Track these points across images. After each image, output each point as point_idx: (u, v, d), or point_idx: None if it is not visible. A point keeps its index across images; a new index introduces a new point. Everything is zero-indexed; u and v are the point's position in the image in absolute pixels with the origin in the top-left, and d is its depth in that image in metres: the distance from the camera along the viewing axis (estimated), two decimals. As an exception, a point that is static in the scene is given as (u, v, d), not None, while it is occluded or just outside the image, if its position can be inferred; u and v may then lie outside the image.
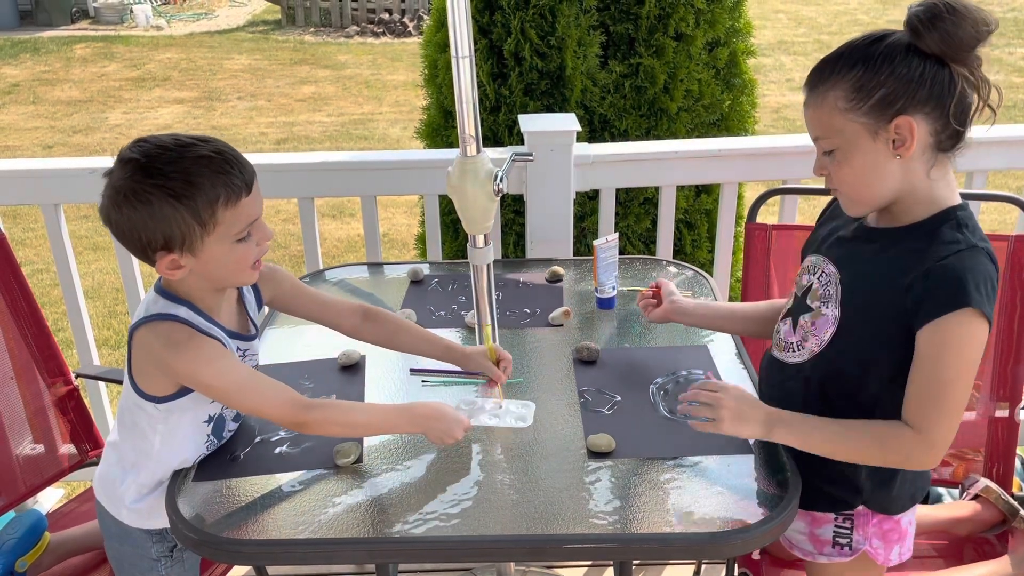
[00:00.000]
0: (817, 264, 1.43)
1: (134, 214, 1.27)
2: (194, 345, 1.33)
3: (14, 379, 1.90)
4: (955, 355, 1.24)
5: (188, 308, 1.36)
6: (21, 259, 2.03)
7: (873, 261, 1.34)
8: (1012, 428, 1.86)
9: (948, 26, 1.20)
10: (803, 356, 1.41)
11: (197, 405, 1.40)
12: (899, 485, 1.41)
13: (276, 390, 1.36)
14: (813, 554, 1.47)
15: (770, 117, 7.78)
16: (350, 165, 2.38)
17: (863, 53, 1.26)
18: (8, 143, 7.64)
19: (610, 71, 2.67)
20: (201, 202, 1.27)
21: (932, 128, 1.25)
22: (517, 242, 2.70)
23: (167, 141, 1.30)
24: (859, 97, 1.25)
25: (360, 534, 1.27)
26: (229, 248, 1.32)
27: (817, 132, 1.32)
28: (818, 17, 12.13)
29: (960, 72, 1.23)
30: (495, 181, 1.54)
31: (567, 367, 1.69)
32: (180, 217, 1.27)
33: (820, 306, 1.39)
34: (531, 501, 1.32)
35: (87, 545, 1.72)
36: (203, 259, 1.31)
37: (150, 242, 1.29)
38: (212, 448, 1.47)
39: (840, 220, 1.45)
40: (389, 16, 11.95)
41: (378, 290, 2.07)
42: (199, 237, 1.29)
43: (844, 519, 1.44)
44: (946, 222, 1.28)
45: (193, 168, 1.27)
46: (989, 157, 2.29)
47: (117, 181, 1.28)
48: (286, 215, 5.69)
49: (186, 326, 1.34)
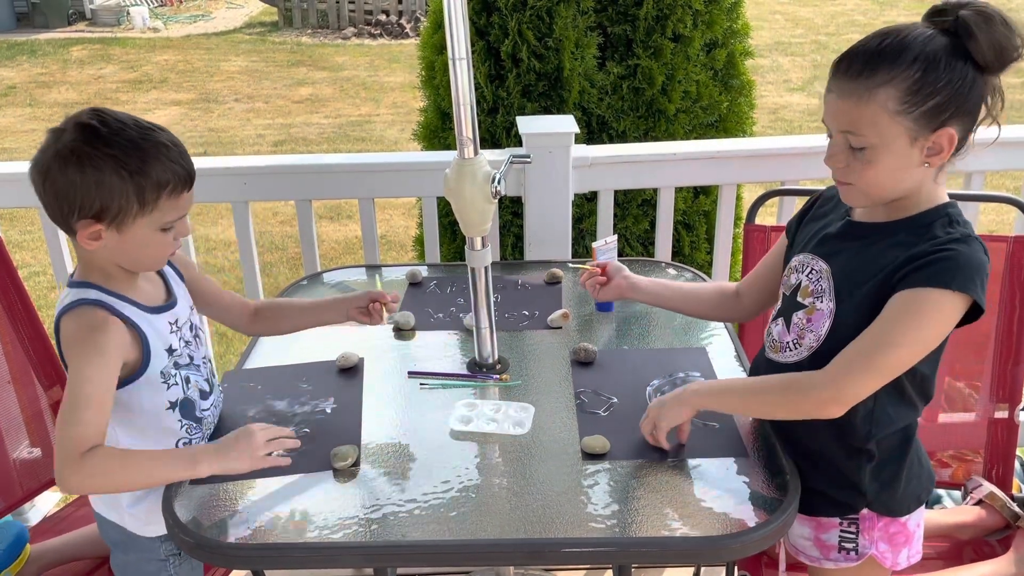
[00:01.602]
0: (805, 262, 1.42)
1: (79, 176, 1.28)
2: (91, 340, 1.31)
3: (11, 383, 1.89)
4: (914, 324, 1.23)
5: (97, 290, 1.36)
6: (18, 262, 2.03)
7: (864, 254, 1.33)
8: (1012, 429, 1.86)
9: (1000, 36, 1.19)
10: (801, 354, 1.40)
11: (145, 393, 1.39)
12: (904, 486, 1.41)
13: (90, 426, 1.28)
14: (820, 560, 1.46)
15: (768, 118, 7.79)
16: (348, 167, 2.37)
17: (922, 51, 1.20)
18: (5, 145, 7.63)
19: (608, 72, 2.67)
20: (149, 183, 1.30)
21: (960, 137, 1.24)
22: (515, 244, 2.69)
23: (127, 120, 1.33)
24: (913, 101, 1.20)
25: (358, 538, 1.26)
26: (152, 234, 1.35)
27: (850, 126, 1.25)
28: (815, 18, 12.14)
29: (992, 83, 1.23)
30: (493, 183, 1.53)
31: (565, 369, 1.69)
32: (125, 191, 1.29)
33: (814, 302, 1.38)
34: (529, 504, 1.31)
35: (68, 555, 1.71)
36: (126, 238, 1.33)
37: (82, 207, 1.30)
38: (195, 432, 1.47)
39: (825, 220, 1.45)
40: (386, 17, 11.95)
41: (376, 292, 2.06)
42: (133, 216, 1.31)
43: (849, 523, 1.43)
44: (938, 218, 1.29)
45: (151, 150, 1.31)
46: (987, 158, 2.28)
47: (69, 142, 1.29)
48: (284, 217, 5.69)
49: (99, 307, 1.34)
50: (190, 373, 1.46)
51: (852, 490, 1.40)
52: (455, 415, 1.53)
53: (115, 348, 1.33)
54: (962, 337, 1.39)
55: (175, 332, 1.45)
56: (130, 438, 1.42)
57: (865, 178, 1.28)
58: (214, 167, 2.35)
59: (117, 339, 1.34)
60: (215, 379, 1.55)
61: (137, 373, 1.38)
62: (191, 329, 1.51)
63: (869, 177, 1.27)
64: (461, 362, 1.73)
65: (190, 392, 1.46)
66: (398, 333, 1.84)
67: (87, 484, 1.33)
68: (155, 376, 1.40)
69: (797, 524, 1.48)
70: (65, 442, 1.27)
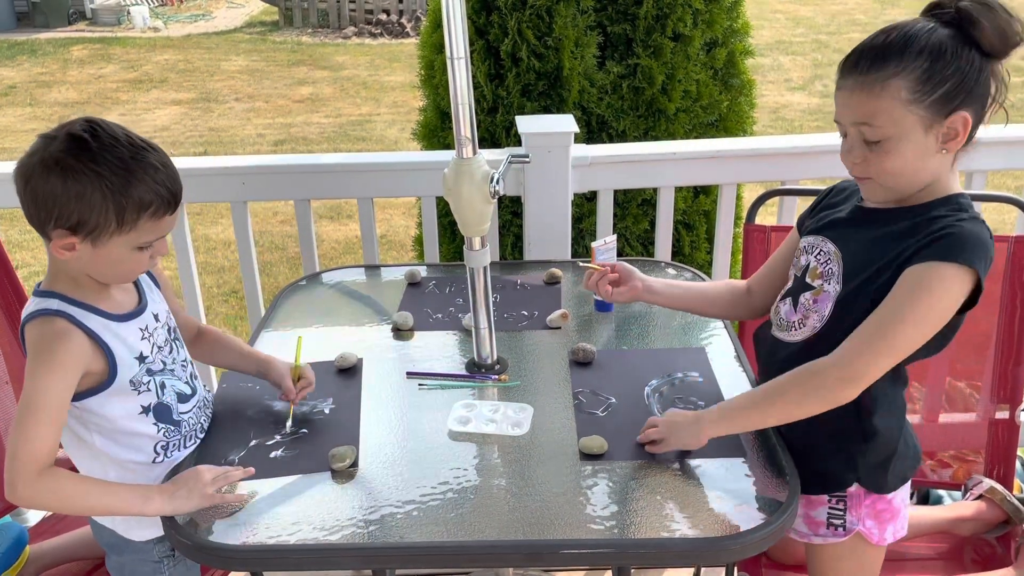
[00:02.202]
0: (814, 243, 1.44)
1: (60, 187, 1.27)
2: (49, 351, 1.31)
3: (9, 384, 1.88)
4: (926, 300, 1.24)
5: (60, 299, 1.35)
6: (17, 262, 2.02)
7: (872, 239, 1.35)
8: (1012, 430, 1.86)
9: (1002, 22, 1.23)
10: (804, 333, 1.42)
11: (116, 401, 1.38)
12: (893, 463, 1.43)
13: (43, 442, 1.28)
14: (808, 535, 1.49)
15: (768, 117, 7.78)
16: (347, 167, 2.37)
17: (928, 42, 1.24)
18: (5, 145, 7.63)
19: (608, 72, 2.66)
20: (131, 203, 1.29)
21: (974, 123, 1.27)
22: (515, 243, 2.69)
23: (120, 135, 1.31)
24: (924, 90, 1.23)
25: (355, 539, 1.26)
26: (128, 252, 1.34)
27: (865, 119, 1.27)
28: (816, 17, 12.13)
29: (997, 70, 1.26)
30: (491, 183, 1.53)
31: (563, 369, 1.68)
32: (104, 208, 1.28)
33: (822, 283, 1.40)
34: (527, 505, 1.31)
35: (67, 555, 1.71)
36: (100, 252, 1.32)
37: (59, 217, 1.29)
38: (173, 435, 1.45)
39: (836, 209, 1.47)
40: (387, 17, 11.94)
41: (375, 292, 2.06)
42: (110, 233, 1.30)
43: (837, 500, 1.45)
44: (946, 205, 1.31)
45: (137, 171, 1.30)
46: (989, 157, 2.28)
47: (57, 152, 1.28)
48: (283, 217, 5.69)
49: (60, 317, 1.33)
50: (165, 378, 1.45)
51: (844, 467, 1.42)
52: (453, 416, 1.52)
53: (74, 359, 1.32)
54: (963, 337, 1.39)
55: (146, 338, 1.43)
56: (105, 442, 1.41)
57: (884, 170, 1.29)
58: (213, 167, 2.35)
59: (76, 350, 1.32)
60: (197, 381, 1.54)
61: (104, 384, 1.37)
62: (170, 332, 1.50)
63: (888, 168, 1.29)
64: (460, 362, 1.72)
65: (165, 397, 1.44)
66: (397, 333, 1.84)
67: (38, 501, 1.33)
68: (124, 385, 1.38)
69: None
70: (20, 455, 1.27)
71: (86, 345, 1.34)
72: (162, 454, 1.45)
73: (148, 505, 1.33)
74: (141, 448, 1.43)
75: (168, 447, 1.46)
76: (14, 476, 1.27)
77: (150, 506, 1.33)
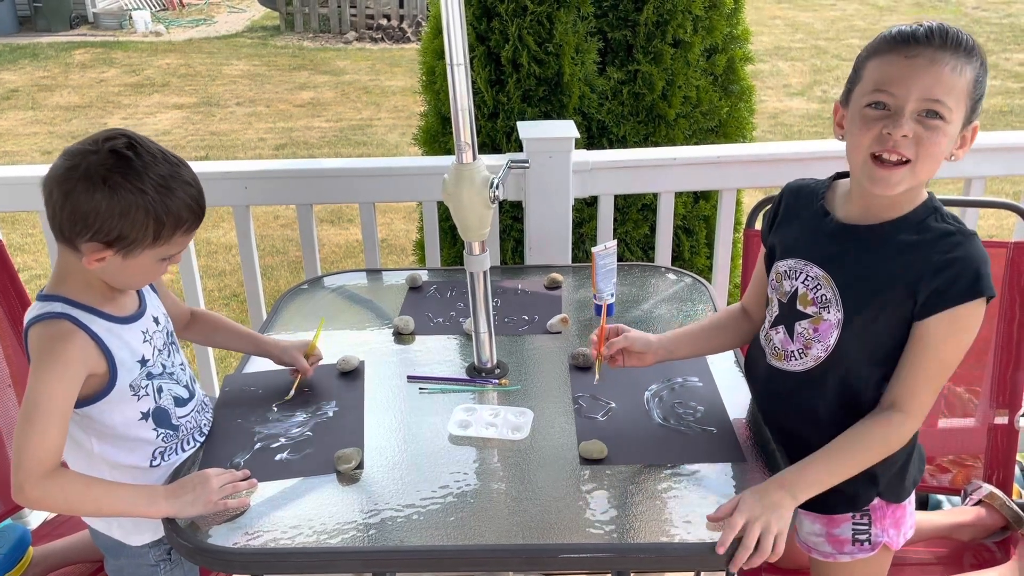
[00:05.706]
0: (796, 268, 1.41)
1: (105, 204, 1.28)
2: (54, 352, 1.31)
3: (11, 386, 1.89)
4: (963, 340, 1.29)
5: (63, 303, 1.36)
6: (19, 265, 2.03)
7: (867, 261, 1.33)
8: (1012, 435, 1.86)
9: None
10: (807, 363, 1.41)
11: (116, 407, 1.39)
12: (908, 470, 1.44)
13: (50, 443, 1.29)
14: (834, 555, 1.48)
15: (768, 123, 7.79)
16: (348, 172, 2.37)
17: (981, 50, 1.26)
18: (7, 148, 7.64)
19: (608, 78, 2.67)
20: (169, 222, 1.33)
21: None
22: (515, 248, 2.69)
23: (156, 152, 1.34)
24: (975, 91, 1.26)
25: (356, 543, 1.26)
26: (153, 264, 1.38)
27: (940, 95, 1.21)
28: (815, 23, 12.15)
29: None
30: (491, 188, 1.53)
31: (563, 374, 1.69)
32: (145, 226, 1.31)
33: (819, 311, 1.38)
34: (527, 510, 1.31)
35: (70, 558, 1.72)
36: (128, 263, 1.34)
37: (99, 232, 1.30)
38: (172, 440, 1.46)
39: (801, 220, 1.44)
40: (388, 22, 11.97)
41: (376, 296, 2.06)
42: (143, 248, 1.33)
43: (861, 515, 1.45)
44: (928, 214, 1.32)
45: (176, 188, 1.33)
46: (987, 164, 2.29)
47: (101, 168, 1.29)
48: (285, 221, 5.70)
49: (65, 319, 1.34)
50: (163, 382, 1.46)
51: (867, 484, 1.41)
52: (454, 419, 1.53)
53: (79, 360, 1.33)
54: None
55: (147, 341, 1.44)
56: (104, 446, 1.42)
57: (930, 152, 1.24)
58: (215, 171, 2.35)
59: (80, 352, 1.33)
60: (195, 385, 1.54)
61: (106, 389, 1.37)
62: (167, 336, 1.51)
63: (934, 151, 1.24)
64: (460, 366, 1.73)
65: (163, 401, 1.45)
66: (398, 337, 1.84)
67: (46, 503, 1.33)
68: (124, 390, 1.39)
69: (808, 521, 1.50)
70: (27, 457, 1.27)
71: (90, 347, 1.35)
72: (159, 459, 1.46)
73: (153, 506, 1.33)
74: (139, 453, 1.44)
75: (166, 452, 1.46)
76: (21, 478, 1.28)
77: (155, 507, 1.33)
